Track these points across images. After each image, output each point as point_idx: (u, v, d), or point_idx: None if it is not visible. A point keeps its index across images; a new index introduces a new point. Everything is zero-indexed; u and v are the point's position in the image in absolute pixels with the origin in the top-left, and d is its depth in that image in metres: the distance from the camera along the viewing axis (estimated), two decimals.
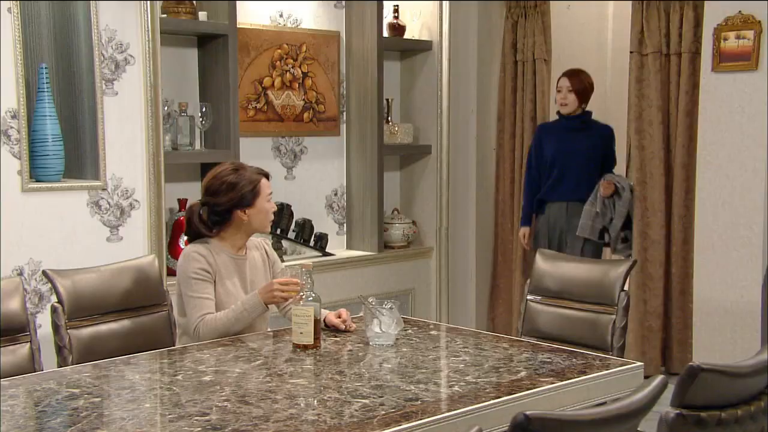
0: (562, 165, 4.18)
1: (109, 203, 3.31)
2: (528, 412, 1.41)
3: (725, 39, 3.52)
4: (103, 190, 3.29)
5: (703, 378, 1.65)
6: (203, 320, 2.59)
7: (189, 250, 2.68)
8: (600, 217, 4.10)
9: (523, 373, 2.23)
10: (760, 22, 3.42)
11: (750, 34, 3.44)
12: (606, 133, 4.25)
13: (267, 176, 2.76)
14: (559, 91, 4.17)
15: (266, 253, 2.85)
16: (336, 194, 4.40)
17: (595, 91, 5.17)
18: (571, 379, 2.18)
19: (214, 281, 2.66)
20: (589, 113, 4.22)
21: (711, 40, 3.58)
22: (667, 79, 4.14)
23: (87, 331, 2.61)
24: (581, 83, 4.15)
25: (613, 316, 2.86)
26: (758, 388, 1.80)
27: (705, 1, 3.67)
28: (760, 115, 3.47)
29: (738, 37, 3.48)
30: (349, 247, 4.42)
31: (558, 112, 4.22)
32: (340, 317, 2.66)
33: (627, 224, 4.14)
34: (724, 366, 1.73)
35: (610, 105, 5.21)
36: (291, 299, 2.57)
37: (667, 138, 4.20)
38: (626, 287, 2.94)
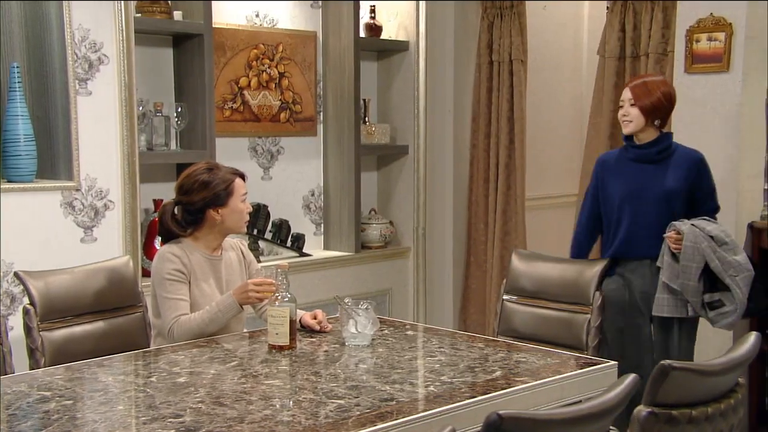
0: (635, 210, 3.08)
1: (83, 204, 3.28)
2: (501, 412, 1.42)
3: (697, 41, 3.56)
4: (77, 190, 3.26)
5: (674, 376, 1.67)
6: (178, 321, 2.58)
7: (163, 250, 2.66)
8: (674, 283, 2.98)
9: (498, 373, 2.24)
10: (731, 24, 3.47)
11: (721, 36, 3.49)
12: (693, 162, 3.09)
13: (242, 176, 2.74)
14: (620, 107, 3.13)
15: (242, 253, 2.84)
16: (313, 195, 4.39)
17: (570, 94, 5.26)
18: (545, 378, 2.20)
19: (189, 282, 2.64)
20: (669, 137, 3.12)
21: (684, 42, 3.62)
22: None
23: (60, 333, 2.58)
24: (648, 94, 3.05)
25: (588, 316, 2.88)
26: (729, 386, 1.83)
27: (677, 2, 3.71)
28: (732, 116, 3.52)
29: (710, 39, 3.52)
30: (326, 247, 4.41)
31: (624, 137, 3.17)
32: (315, 318, 2.66)
33: (715, 284, 2.98)
34: (695, 364, 1.75)
35: (585, 106, 5.25)
36: (266, 300, 2.56)
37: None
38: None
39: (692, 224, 2.96)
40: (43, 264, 2.95)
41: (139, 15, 3.51)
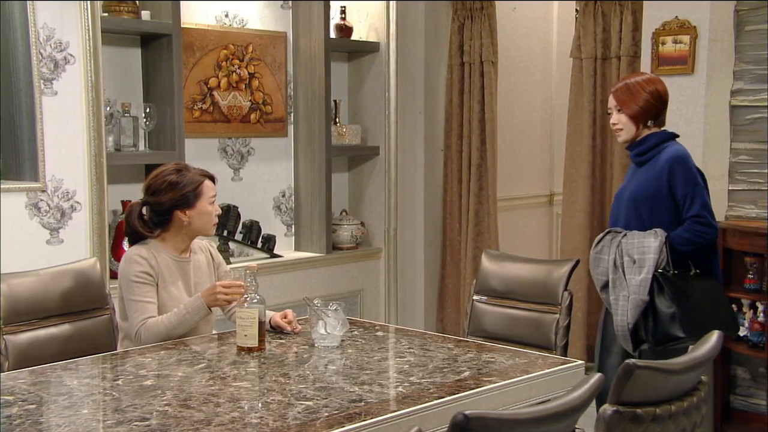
0: (614, 214, 2.99)
1: (48, 205, 3.24)
2: (467, 412, 1.42)
3: (663, 43, 3.62)
4: (43, 191, 3.21)
5: (638, 375, 1.69)
6: (145, 324, 2.55)
7: (130, 252, 2.64)
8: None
9: (466, 373, 2.25)
10: (695, 27, 3.53)
11: (686, 38, 3.54)
12: (665, 163, 2.85)
13: (211, 178, 2.72)
14: (609, 114, 2.99)
15: (211, 255, 2.82)
16: (284, 196, 4.37)
17: (540, 96, 5.30)
18: (513, 378, 2.21)
19: (157, 285, 2.62)
20: (651, 138, 2.90)
21: (650, 44, 3.67)
22: (604, 83, 4.25)
23: (25, 337, 2.54)
24: (633, 97, 2.87)
25: (557, 315, 2.90)
26: (692, 384, 1.85)
27: (644, 2, 3.77)
28: (696, 117, 3.57)
29: (675, 42, 3.58)
30: (297, 248, 4.40)
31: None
32: (285, 318, 2.65)
33: (653, 317, 2.81)
34: (659, 363, 1.77)
35: (556, 108, 5.30)
36: (235, 302, 2.55)
37: (601, 141, 4.32)
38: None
39: (625, 234, 2.85)
40: (8, 266, 2.90)
41: (106, 14, 3.47)
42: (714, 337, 1.89)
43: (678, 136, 2.95)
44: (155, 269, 2.61)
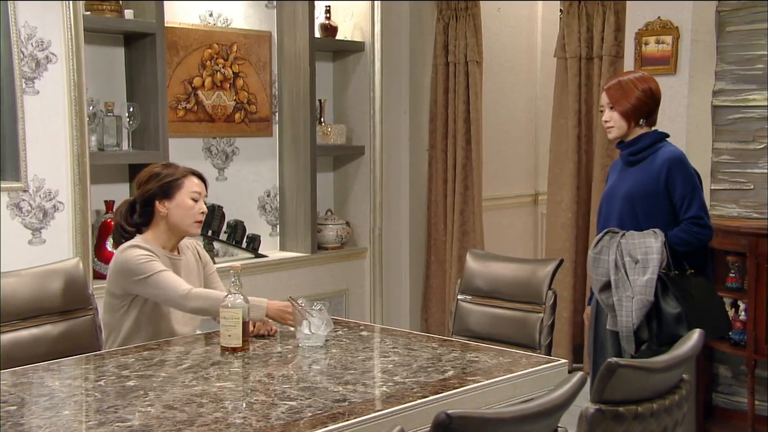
0: (606, 214, 2.94)
1: (30, 205, 3.22)
2: (450, 411, 1.42)
3: (646, 43, 3.64)
4: (25, 191, 3.19)
5: (620, 374, 1.70)
6: (194, 289, 2.53)
7: (126, 245, 2.63)
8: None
9: (451, 373, 2.25)
10: (677, 27, 3.55)
11: (668, 39, 3.57)
12: (662, 162, 2.82)
13: (199, 176, 2.72)
14: (601, 111, 2.96)
15: (198, 254, 2.82)
16: (269, 195, 4.36)
17: (525, 95, 5.32)
18: (498, 377, 2.21)
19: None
20: (646, 137, 2.88)
21: (633, 44, 3.69)
22: (588, 82, 4.28)
23: (6, 338, 2.52)
24: (625, 95, 2.85)
25: (541, 315, 2.91)
26: (673, 383, 1.86)
27: (627, 3, 3.79)
28: (679, 117, 3.60)
29: (658, 42, 3.60)
30: (282, 248, 4.39)
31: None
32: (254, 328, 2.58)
33: (657, 318, 2.76)
34: (641, 362, 1.78)
35: (540, 108, 5.31)
36: (290, 323, 2.54)
37: (585, 140, 4.34)
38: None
39: (623, 234, 2.81)
40: None
41: (89, 13, 3.45)
42: (695, 336, 1.90)
43: (668, 135, 2.96)
44: (156, 255, 2.60)
